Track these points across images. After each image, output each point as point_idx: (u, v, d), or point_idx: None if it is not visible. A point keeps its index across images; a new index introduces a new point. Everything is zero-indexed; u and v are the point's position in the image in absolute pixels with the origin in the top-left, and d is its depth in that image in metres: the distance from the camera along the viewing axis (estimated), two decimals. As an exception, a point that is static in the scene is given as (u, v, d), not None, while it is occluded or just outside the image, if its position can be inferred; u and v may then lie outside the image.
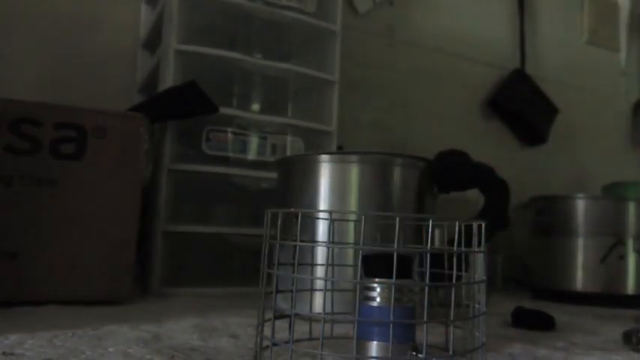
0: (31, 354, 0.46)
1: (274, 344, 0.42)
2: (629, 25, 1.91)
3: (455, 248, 0.40)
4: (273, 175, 0.85)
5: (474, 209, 0.75)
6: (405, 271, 0.48)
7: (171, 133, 0.94)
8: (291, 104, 1.13)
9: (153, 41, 1.07)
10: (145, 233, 0.88)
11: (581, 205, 1.15)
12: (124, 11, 1.13)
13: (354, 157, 0.74)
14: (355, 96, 1.24)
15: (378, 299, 0.46)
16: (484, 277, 0.43)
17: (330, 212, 0.42)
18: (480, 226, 0.42)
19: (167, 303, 0.81)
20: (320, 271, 0.58)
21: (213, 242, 0.96)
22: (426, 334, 0.39)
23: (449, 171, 0.76)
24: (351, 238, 0.71)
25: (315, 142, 1.05)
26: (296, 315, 0.43)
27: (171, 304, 0.81)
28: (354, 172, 0.73)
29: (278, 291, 0.42)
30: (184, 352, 0.49)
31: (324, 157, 0.75)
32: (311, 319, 0.51)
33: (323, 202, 0.73)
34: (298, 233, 0.40)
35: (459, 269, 0.40)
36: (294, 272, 0.41)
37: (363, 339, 0.47)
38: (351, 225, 0.71)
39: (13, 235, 0.72)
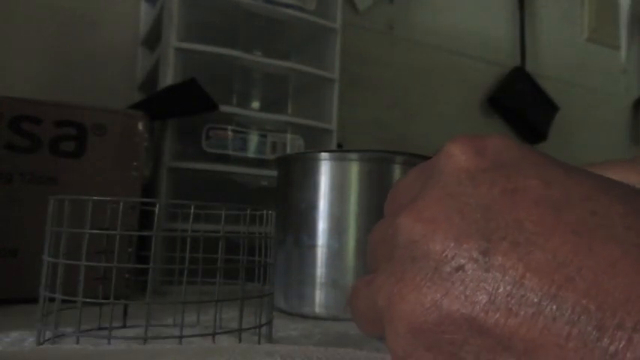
0: (32, 351, 0.46)
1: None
2: (630, 22, 1.91)
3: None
4: (273, 172, 0.85)
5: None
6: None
7: (171, 131, 0.94)
8: (291, 102, 1.13)
9: (153, 39, 1.07)
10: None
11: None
12: (123, 8, 1.13)
13: (353, 155, 0.74)
14: (355, 94, 1.24)
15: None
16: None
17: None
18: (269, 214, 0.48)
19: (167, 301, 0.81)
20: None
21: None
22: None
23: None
24: (350, 236, 0.71)
25: (315, 140, 1.05)
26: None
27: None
28: (353, 169, 0.74)
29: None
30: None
31: (324, 154, 0.75)
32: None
33: (323, 199, 0.73)
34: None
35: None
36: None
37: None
38: (352, 223, 0.72)
39: (13, 232, 0.72)
